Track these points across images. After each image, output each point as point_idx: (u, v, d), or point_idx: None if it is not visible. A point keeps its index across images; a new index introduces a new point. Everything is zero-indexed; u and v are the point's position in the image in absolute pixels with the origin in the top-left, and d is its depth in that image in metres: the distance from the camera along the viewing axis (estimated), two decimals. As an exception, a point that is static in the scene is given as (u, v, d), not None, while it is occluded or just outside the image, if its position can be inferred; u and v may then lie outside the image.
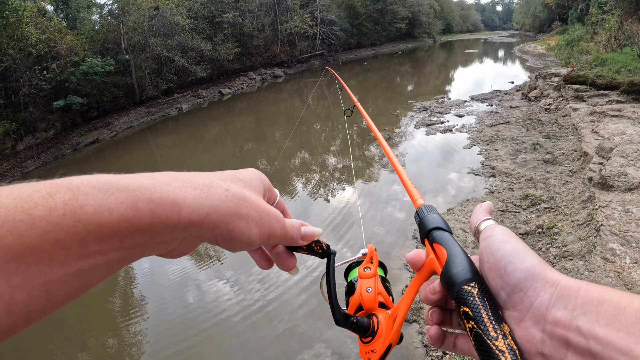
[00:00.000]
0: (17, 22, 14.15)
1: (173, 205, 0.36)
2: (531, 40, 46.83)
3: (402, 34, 49.23)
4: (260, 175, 0.50)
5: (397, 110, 15.13)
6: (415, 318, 4.38)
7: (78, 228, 0.29)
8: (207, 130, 16.95)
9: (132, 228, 0.33)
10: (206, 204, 0.38)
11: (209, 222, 0.39)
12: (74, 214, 0.29)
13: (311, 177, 10.01)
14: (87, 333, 5.48)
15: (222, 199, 0.40)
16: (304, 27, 32.22)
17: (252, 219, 0.42)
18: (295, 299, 5.36)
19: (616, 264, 3.79)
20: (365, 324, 0.59)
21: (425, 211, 0.55)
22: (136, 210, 0.33)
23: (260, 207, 0.44)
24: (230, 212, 0.40)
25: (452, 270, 0.44)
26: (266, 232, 0.44)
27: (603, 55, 12.65)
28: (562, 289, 0.37)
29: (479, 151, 9.33)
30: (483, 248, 0.44)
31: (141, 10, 20.82)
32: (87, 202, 0.31)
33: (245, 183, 0.46)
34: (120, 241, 0.32)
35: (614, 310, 0.34)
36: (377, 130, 1.09)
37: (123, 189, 0.33)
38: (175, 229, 0.36)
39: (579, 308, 0.36)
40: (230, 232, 0.40)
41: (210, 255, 6.97)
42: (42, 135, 15.74)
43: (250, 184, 0.46)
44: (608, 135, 7.38)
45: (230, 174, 0.46)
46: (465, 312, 0.40)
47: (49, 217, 0.28)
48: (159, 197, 0.35)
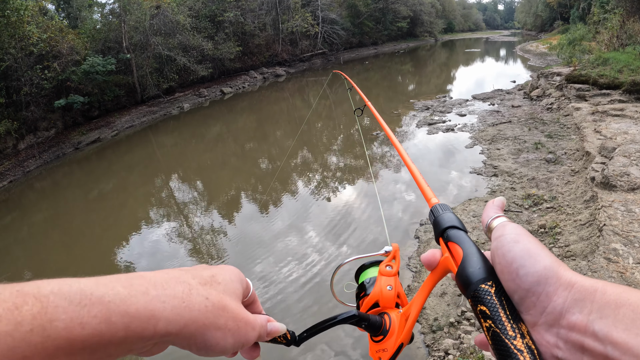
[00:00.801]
0: (18, 21, 14.17)
1: (150, 318, 0.34)
2: (533, 39, 46.72)
3: (404, 33, 49.18)
4: (239, 275, 0.50)
5: (398, 110, 15.11)
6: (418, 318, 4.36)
7: (47, 344, 0.27)
8: (208, 129, 16.95)
9: (105, 342, 0.31)
10: (185, 315, 0.37)
11: (185, 333, 0.38)
12: (43, 329, 0.27)
13: (319, 177, 10.00)
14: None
15: (202, 309, 0.39)
16: (306, 26, 32.20)
17: (229, 329, 0.42)
18: (295, 298, 5.35)
19: (619, 264, 3.78)
20: (377, 323, 0.59)
21: (440, 210, 0.55)
22: (110, 324, 0.31)
23: (238, 317, 0.43)
24: (208, 324, 0.39)
25: (469, 269, 0.44)
26: (241, 341, 0.44)
27: (605, 55, 12.62)
28: (577, 292, 0.36)
29: (480, 150, 9.31)
30: (494, 249, 0.43)
31: (142, 9, 20.83)
32: (57, 316, 0.29)
33: (225, 287, 0.44)
34: (90, 354, 0.31)
35: (633, 314, 0.32)
36: (389, 129, 1.07)
37: (97, 300, 0.31)
38: (149, 340, 0.35)
39: (595, 312, 0.34)
40: (205, 342, 0.40)
41: (212, 256, 6.99)
42: (43, 134, 15.75)
43: (230, 287, 0.45)
44: (610, 135, 7.35)
45: (209, 275, 0.44)
46: (483, 311, 0.40)
47: (15, 333, 0.26)
48: (134, 309, 0.33)
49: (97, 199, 11.01)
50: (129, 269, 6.97)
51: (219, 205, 9.16)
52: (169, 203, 9.86)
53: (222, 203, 9.27)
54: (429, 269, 0.51)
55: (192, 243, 7.57)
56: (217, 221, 8.28)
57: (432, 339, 4.03)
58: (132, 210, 9.82)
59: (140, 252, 7.49)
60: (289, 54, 32.87)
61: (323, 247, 6.51)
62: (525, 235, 0.42)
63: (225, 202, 9.27)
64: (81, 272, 7.13)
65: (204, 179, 11.34)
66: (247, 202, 9.09)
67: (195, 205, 9.51)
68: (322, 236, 6.88)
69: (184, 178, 11.63)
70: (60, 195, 11.81)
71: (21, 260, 8.11)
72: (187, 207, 9.43)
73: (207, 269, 0.45)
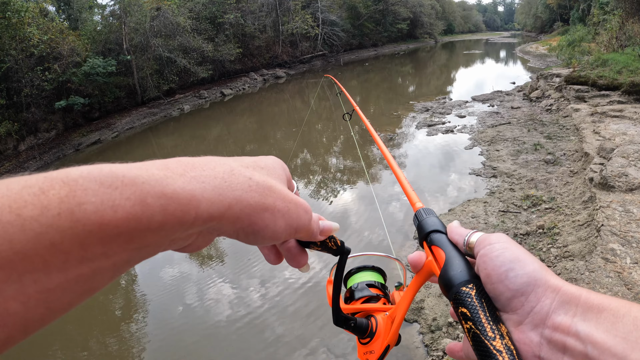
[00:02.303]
0: (19, 23, 14.21)
1: (190, 200, 0.31)
2: (533, 40, 46.76)
3: (404, 34, 49.25)
4: (282, 163, 0.47)
5: (398, 111, 15.13)
6: (416, 318, 4.38)
7: (77, 229, 0.25)
8: (208, 130, 16.98)
9: (142, 227, 0.28)
10: (227, 195, 0.34)
11: (230, 215, 0.34)
12: (71, 213, 0.25)
13: (318, 178, 10.02)
14: (88, 333, 5.50)
15: (245, 188, 0.36)
16: (306, 27, 32.25)
17: (279, 210, 0.38)
18: (295, 300, 5.37)
19: (617, 264, 3.79)
20: (363, 325, 0.60)
21: (424, 214, 0.56)
22: (145, 206, 0.29)
23: (287, 198, 0.40)
24: (254, 203, 0.36)
25: (450, 272, 0.45)
26: (293, 225, 0.40)
27: (604, 56, 12.65)
28: (564, 295, 0.38)
29: (480, 152, 9.33)
30: (482, 255, 0.44)
31: (143, 10, 20.88)
32: (86, 198, 0.26)
33: (269, 171, 0.41)
34: (127, 242, 0.28)
35: (613, 317, 0.35)
36: (375, 134, 1.09)
37: (129, 181, 0.28)
38: (191, 226, 0.32)
39: (579, 315, 0.37)
40: (253, 225, 0.36)
41: (212, 256, 7.00)
42: (44, 136, 15.79)
43: (274, 172, 0.42)
44: (609, 136, 7.38)
45: (252, 161, 0.41)
46: (464, 312, 0.41)
47: (41, 218, 0.24)
48: (171, 190, 0.30)
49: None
50: (129, 271, 6.98)
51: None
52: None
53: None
54: (414, 271, 0.53)
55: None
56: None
57: (431, 339, 4.05)
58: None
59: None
60: (289, 55, 32.92)
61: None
62: (512, 242, 0.44)
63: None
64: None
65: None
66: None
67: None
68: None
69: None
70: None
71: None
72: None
73: (248, 157, 0.42)
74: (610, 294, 3.09)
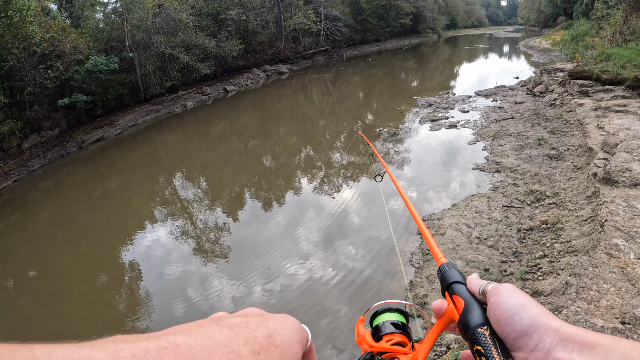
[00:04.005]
0: (21, 22, 14.22)
1: None
2: (536, 35, 46.48)
3: (407, 29, 49.04)
4: (299, 329, 0.46)
5: (401, 106, 15.10)
6: (420, 313, 4.38)
7: None
8: (211, 127, 16.99)
9: None
10: None
11: None
12: None
13: (323, 175, 10.01)
14: (93, 329, 5.54)
15: None
16: (308, 23, 32.15)
17: None
18: (296, 296, 5.38)
19: (620, 260, 3.78)
20: None
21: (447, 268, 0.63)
22: None
23: None
24: None
25: (468, 316, 0.52)
26: None
27: (608, 50, 12.57)
28: (562, 335, 0.44)
29: (483, 147, 9.31)
30: (492, 303, 0.51)
31: (145, 8, 20.86)
32: None
33: (282, 353, 0.39)
34: None
35: (605, 352, 0.41)
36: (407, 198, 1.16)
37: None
38: None
39: (576, 351, 0.42)
40: None
41: (215, 253, 7.02)
42: (47, 134, 15.84)
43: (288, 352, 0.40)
44: (613, 131, 7.34)
45: (265, 336, 0.39)
46: (479, 350, 0.48)
47: None
48: None
49: (101, 198, 11.07)
50: (134, 267, 7.02)
51: (222, 202, 9.20)
52: (172, 201, 9.90)
53: (225, 200, 9.30)
54: (436, 317, 0.59)
55: (196, 240, 7.61)
56: (221, 218, 8.32)
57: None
58: (136, 208, 9.87)
59: (144, 250, 7.53)
60: (291, 51, 32.86)
61: (328, 246, 6.54)
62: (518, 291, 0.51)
63: (229, 200, 9.30)
64: (84, 270, 7.19)
65: (207, 177, 11.38)
66: (251, 200, 9.12)
67: (199, 203, 9.54)
68: (326, 234, 6.90)
69: (188, 176, 11.67)
70: (65, 194, 11.88)
71: (26, 259, 8.17)
72: (191, 204, 9.47)
73: (263, 324, 0.40)
74: (613, 290, 3.07)
